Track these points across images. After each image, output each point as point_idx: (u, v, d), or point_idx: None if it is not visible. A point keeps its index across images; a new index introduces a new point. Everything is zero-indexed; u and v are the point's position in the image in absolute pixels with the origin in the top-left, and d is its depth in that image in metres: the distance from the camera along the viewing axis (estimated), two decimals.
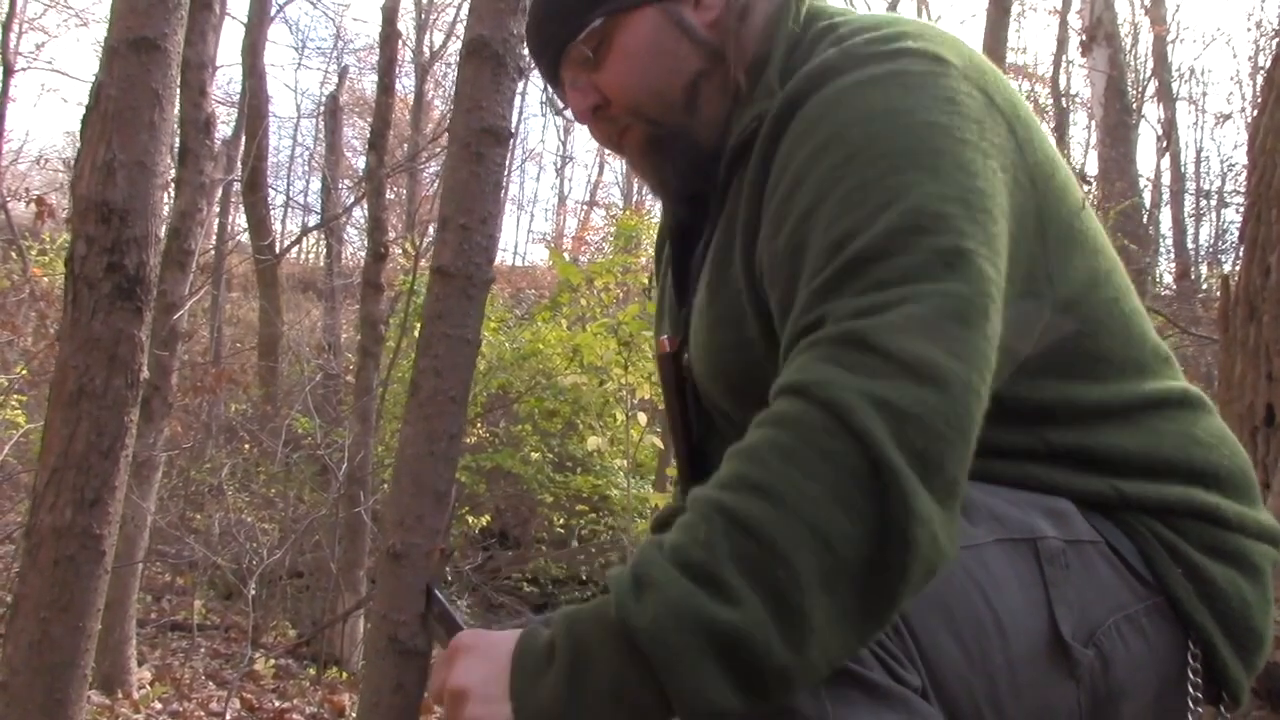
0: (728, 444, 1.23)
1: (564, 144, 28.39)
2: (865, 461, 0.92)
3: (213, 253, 10.08)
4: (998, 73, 1.16)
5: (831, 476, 0.92)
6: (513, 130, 1.27)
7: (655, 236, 1.56)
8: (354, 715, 3.99)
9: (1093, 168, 14.16)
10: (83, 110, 1.50)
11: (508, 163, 1.34)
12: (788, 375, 1.00)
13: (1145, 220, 14.16)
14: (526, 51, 1.31)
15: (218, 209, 10.40)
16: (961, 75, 1.10)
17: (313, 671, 5.49)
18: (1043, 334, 1.12)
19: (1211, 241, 17.10)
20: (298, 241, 14.71)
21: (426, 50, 18.20)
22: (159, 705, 4.21)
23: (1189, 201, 17.47)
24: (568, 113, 1.31)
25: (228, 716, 3.86)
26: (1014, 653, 1.04)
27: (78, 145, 1.52)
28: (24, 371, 6.63)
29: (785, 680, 0.91)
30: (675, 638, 0.90)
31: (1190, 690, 1.12)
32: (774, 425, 0.97)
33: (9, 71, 9.29)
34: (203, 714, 4.15)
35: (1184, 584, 1.12)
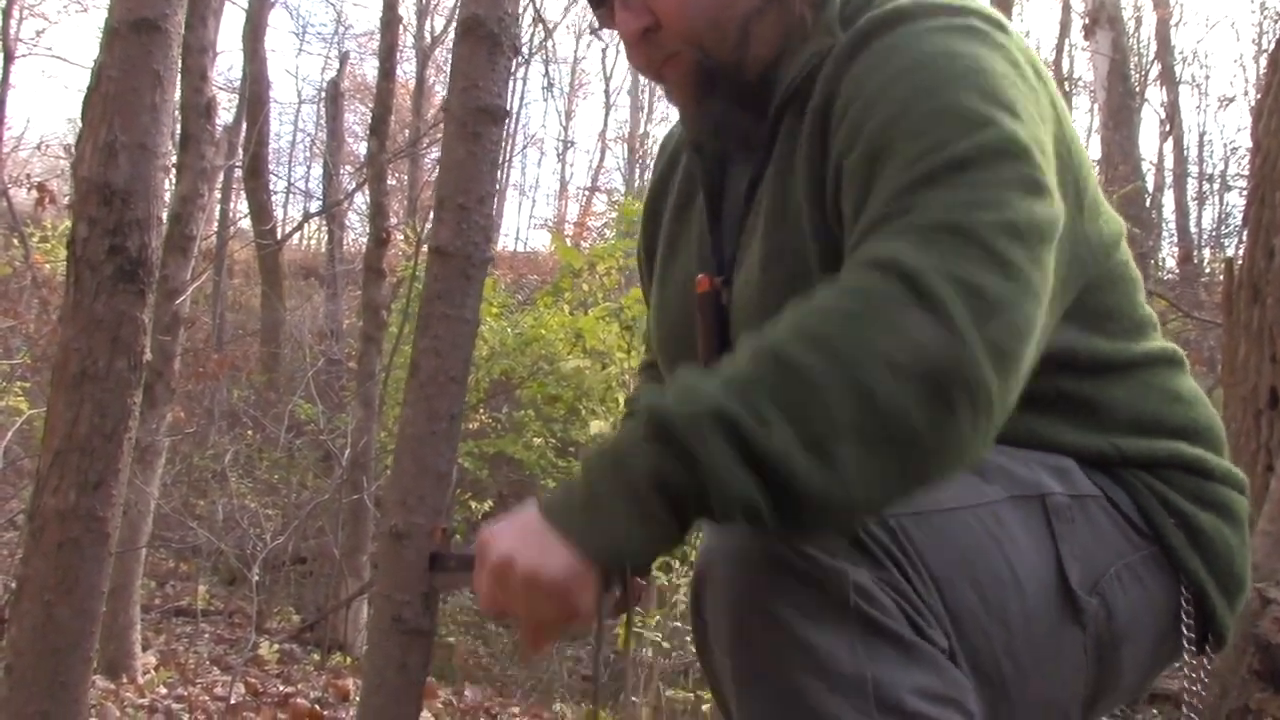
0: None
1: (565, 129, 28.36)
2: (939, 333, 0.93)
3: (214, 239, 10.07)
4: (1037, 56, 1.21)
5: (895, 344, 0.93)
6: (509, 109, 1.26)
7: (650, 187, 1.54)
8: (358, 699, 4.01)
9: (1095, 151, 14.12)
10: (83, 94, 1.50)
11: (507, 144, 1.34)
12: (869, 250, 1.01)
13: (1148, 204, 14.13)
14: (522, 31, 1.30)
15: (219, 195, 10.40)
16: (1017, 47, 1.15)
17: (317, 656, 5.51)
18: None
19: (1214, 225, 17.07)
20: (299, 227, 14.69)
21: (428, 35, 18.14)
22: (163, 690, 4.23)
23: (1192, 185, 17.43)
24: (605, 33, 1.30)
25: (232, 701, 3.87)
26: (1028, 604, 1.08)
27: (79, 130, 1.52)
28: (26, 358, 6.64)
29: (814, 508, 0.93)
30: (710, 435, 0.92)
31: (1184, 632, 1.19)
32: (846, 291, 0.98)
33: (9, 58, 9.27)
34: (207, 699, 4.16)
35: (1176, 533, 1.18)
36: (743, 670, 1.01)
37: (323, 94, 18.99)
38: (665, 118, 22.33)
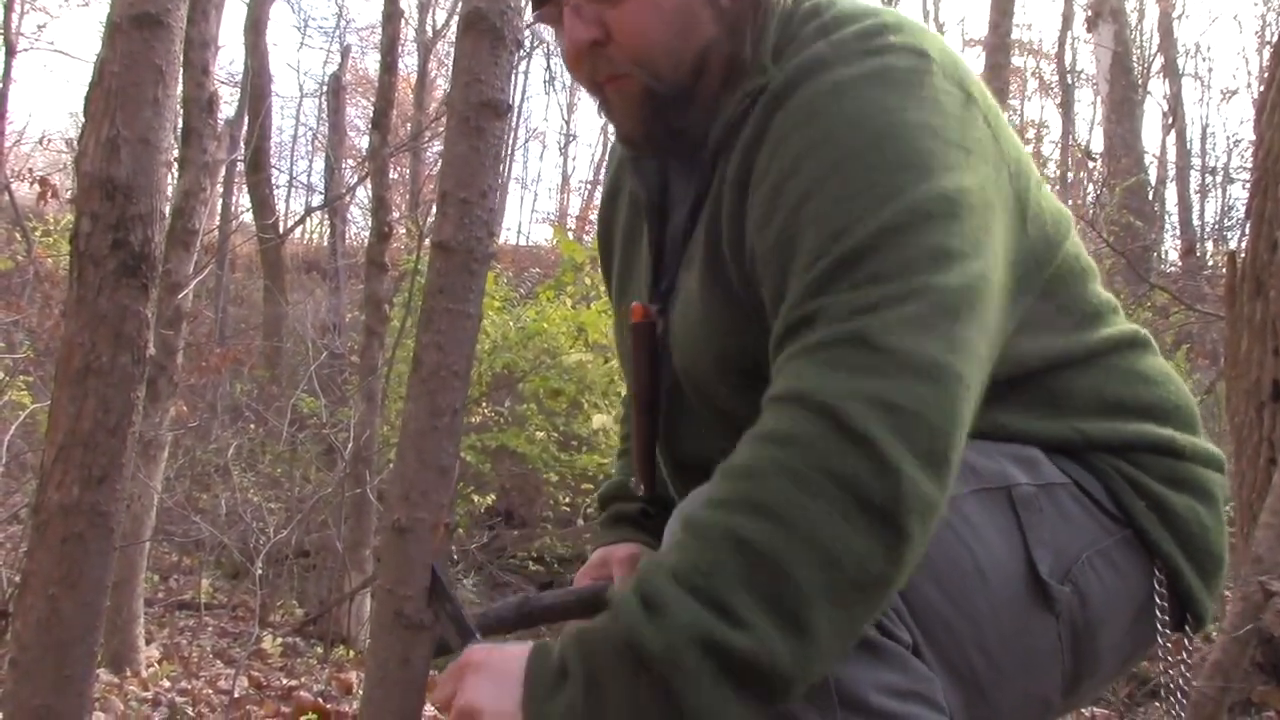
0: (697, 422, 1.27)
1: (567, 123, 28.34)
2: (873, 466, 0.94)
3: (216, 233, 10.07)
4: (965, 63, 1.19)
5: (837, 493, 0.94)
6: (511, 104, 1.26)
7: (601, 201, 1.54)
8: (361, 692, 4.01)
9: (1098, 144, 14.11)
10: (85, 89, 1.50)
11: (509, 138, 1.34)
12: (784, 382, 1.02)
13: (1151, 197, 14.11)
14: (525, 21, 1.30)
15: (221, 189, 10.40)
16: (941, 72, 1.13)
17: (320, 650, 5.52)
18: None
19: (1217, 218, 17.06)
20: (301, 221, 14.67)
21: (429, 29, 18.14)
22: (167, 683, 4.24)
23: (1194, 178, 17.42)
24: (547, 32, 1.28)
25: (235, 694, 3.88)
26: (996, 596, 1.09)
27: (81, 125, 1.52)
28: (29, 352, 6.64)
29: (790, 687, 0.95)
30: (690, 661, 0.92)
31: (1158, 614, 1.19)
32: (774, 441, 0.99)
33: (11, 52, 9.26)
34: (210, 692, 4.17)
35: (1148, 515, 1.19)
36: None
37: (324, 88, 18.98)
38: None
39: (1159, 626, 1.21)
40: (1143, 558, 1.20)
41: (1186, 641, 1.27)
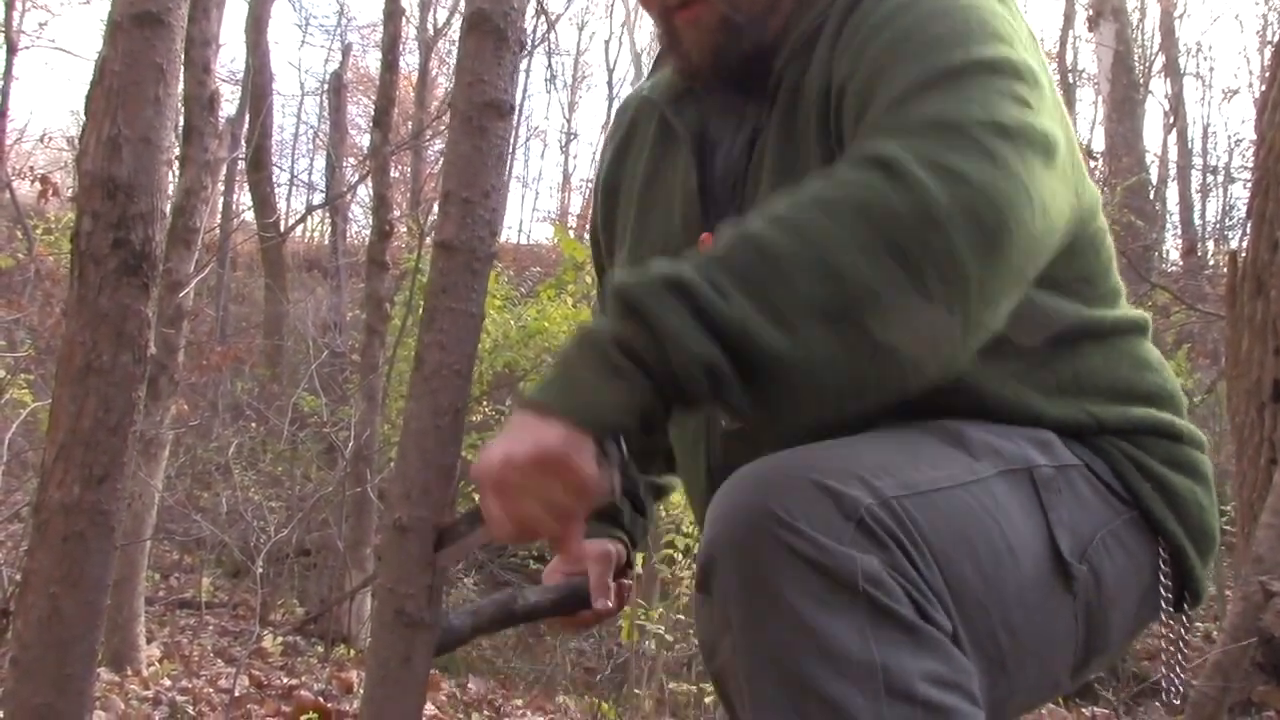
0: None
1: (569, 121, 28.36)
2: (915, 211, 0.94)
3: (217, 231, 10.07)
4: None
5: (865, 227, 0.94)
6: (515, 104, 1.26)
7: (607, 158, 1.53)
8: (362, 691, 4.01)
9: (1099, 143, 14.10)
10: (87, 88, 1.50)
11: (511, 138, 1.33)
12: (854, 150, 1.03)
13: (1152, 196, 14.11)
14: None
15: (222, 187, 10.40)
16: (1013, 10, 1.18)
17: (320, 649, 5.52)
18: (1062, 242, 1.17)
19: (1218, 218, 17.06)
20: (302, 220, 14.71)
21: (431, 27, 18.13)
22: (168, 682, 4.24)
23: (1196, 177, 17.41)
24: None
25: (236, 693, 3.88)
26: (1024, 576, 1.10)
27: (82, 123, 1.52)
28: (30, 350, 6.64)
29: (779, 378, 0.95)
30: (664, 295, 0.94)
31: (1162, 592, 1.22)
32: (826, 182, 1.00)
33: (12, 50, 9.28)
34: (211, 691, 4.17)
35: (1154, 496, 1.22)
36: (753, 658, 1.01)
37: (325, 86, 18.97)
38: None
39: (1163, 605, 1.23)
40: (1148, 537, 1.23)
41: (1185, 619, 1.30)
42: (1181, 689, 1.30)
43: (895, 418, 1.13)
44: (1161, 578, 1.23)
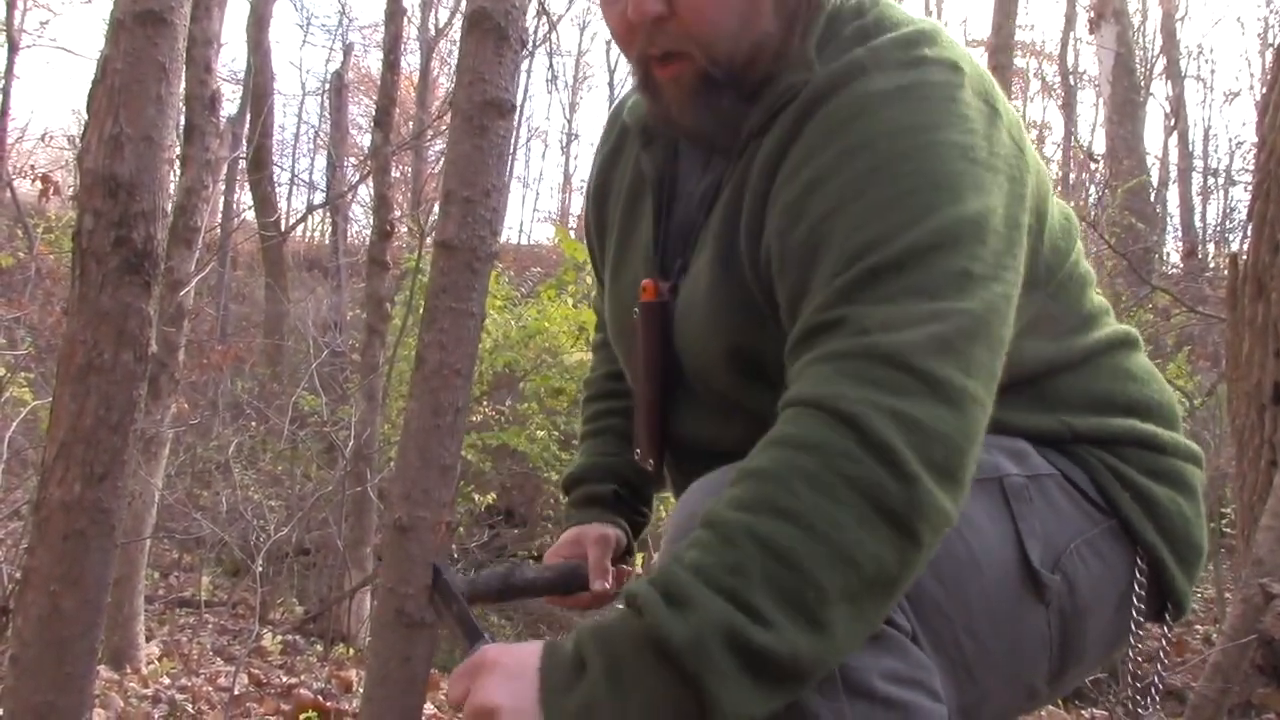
0: (696, 404, 1.30)
1: (569, 122, 28.33)
2: (893, 474, 0.97)
3: (218, 230, 10.08)
4: (989, 76, 1.21)
5: (857, 499, 0.96)
6: (516, 103, 1.26)
7: (597, 164, 1.53)
8: (361, 690, 4.01)
9: (1100, 146, 14.10)
10: (89, 86, 1.50)
11: (512, 137, 1.33)
12: (805, 386, 1.04)
13: (1153, 199, 14.11)
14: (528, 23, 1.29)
15: (223, 187, 10.40)
16: (971, 87, 1.15)
17: (320, 648, 5.52)
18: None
19: (1219, 220, 17.07)
20: (303, 219, 14.71)
21: (432, 27, 18.13)
22: (167, 680, 4.24)
23: (1196, 180, 17.43)
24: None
25: (235, 691, 3.88)
26: (989, 584, 1.12)
27: (84, 121, 1.52)
28: (30, 349, 6.64)
29: (806, 680, 0.97)
30: (717, 655, 0.94)
31: (1135, 603, 1.23)
32: (795, 447, 1.01)
33: (14, 49, 9.27)
34: (210, 689, 4.17)
35: (1133, 506, 1.23)
36: None
37: (326, 86, 18.98)
38: None
39: (1135, 614, 1.24)
40: (1127, 547, 1.24)
41: (1166, 630, 1.31)
42: (1158, 698, 1.31)
43: None
44: (1137, 587, 1.24)
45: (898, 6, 1.25)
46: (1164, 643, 1.31)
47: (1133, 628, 1.25)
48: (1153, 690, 1.30)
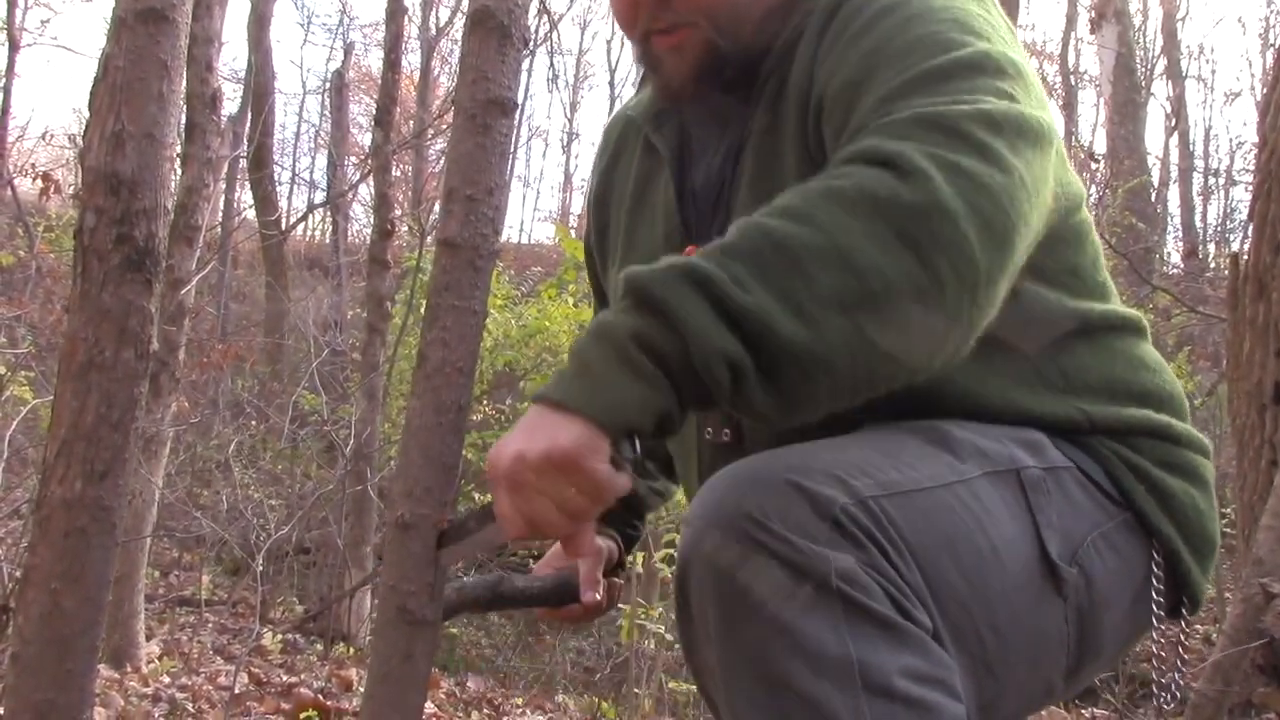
0: None
1: (570, 121, 28.32)
2: (922, 201, 0.96)
3: (219, 229, 10.08)
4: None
5: (877, 216, 0.96)
6: (518, 101, 1.26)
7: (597, 173, 1.54)
8: (362, 689, 4.01)
9: (1101, 146, 14.10)
10: (90, 84, 1.50)
11: (514, 135, 1.33)
12: (847, 150, 1.04)
13: (1153, 199, 14.11)
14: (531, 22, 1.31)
15: (224, 185, 10.40)
16: (996, 12, 1.21)
17: (320, 647, 5.52)
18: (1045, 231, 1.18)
19: (1220, 221, 17.07)
20: (304, 218, 14.72)
21: (433, 26, 18.12)
22: (167, 679, 4.24)
23: (1197, 180, 17.43)
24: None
25: (236, 690, 3.88)
26: (1009, 578, 1.09)
27: (85, 120, 1.52)
28: (31, 347, 6.64)
29: (798, 365, 0.96)
30: (683, 288, 0.95)
31: (1154, 596, 1.22)
32: (831, 174, 1.01)
33: (15, 47, 9.27)
34: (211, 688, 4.17)
35: (1148, 499, 1.21)
36: (729, 658, 1.01)
37: (327, 84, 18.97)
38: None
39: (1155, 608, 1.23)
40: (1142, 540, 1.22)
41: (1184, 624, 1.30)
42: (1178, 694, 1.29)
43: (882, 418, 1.14)
44: (1155, 581, 1.23)
45: None
46: (1181, 635, 1.30)
47: (1154, 622, 1.23)
48: (1173, 688, 1.28)
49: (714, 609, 1.01)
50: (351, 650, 5.55)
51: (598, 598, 1.43)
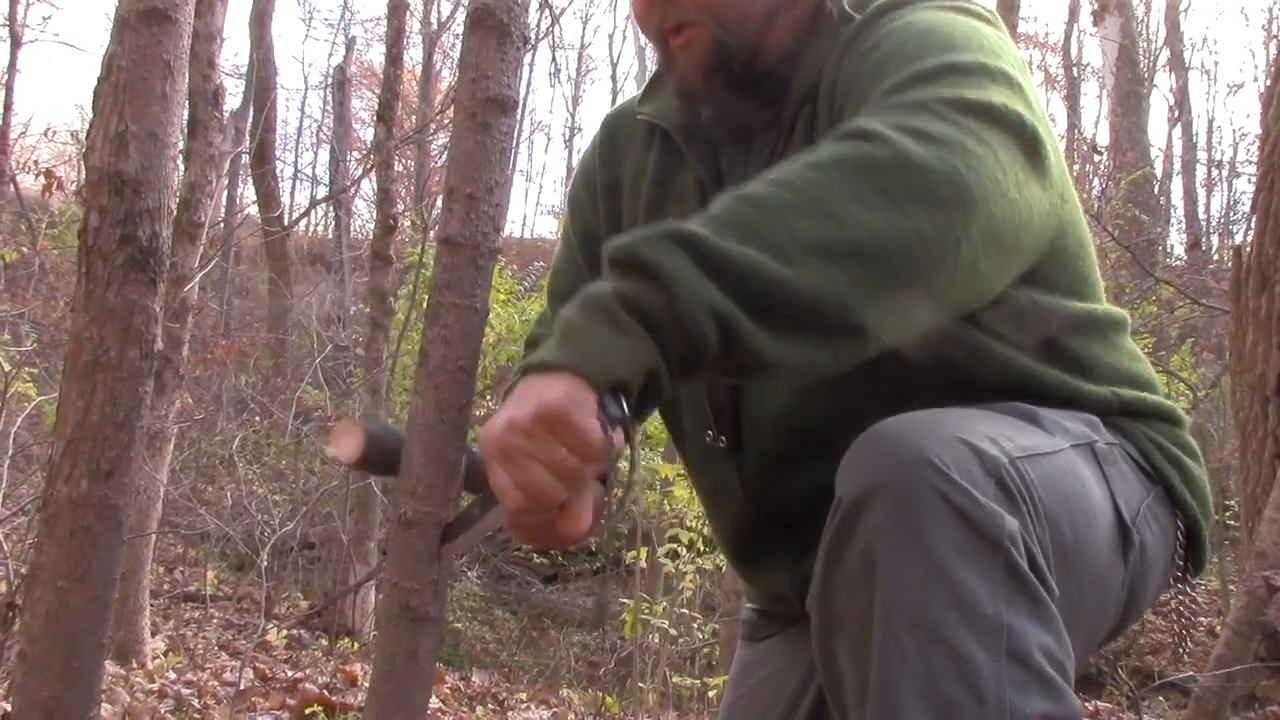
0: (769, 387, 1.32)
1: (572, 115, 28.28)
2: (894, 156, 1.00)
3: (222, 225, 10.09)
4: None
5: (850, 172, 1.00)
6: (518, 100, 1.26)
7: (599, 160, 1.55)
8: (366, 685, 4.02)
9: (1104, 137, 14.08)
10: (94, 84, 1.50)
11: (515, 133, 1.34)
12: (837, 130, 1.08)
13: (1156, 191, 14.09)
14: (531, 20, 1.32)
15: (226, 182, 10.40)
16: (1004, 35, 1.25)
17: (324, 642, 5.54)
18: (1051, 242, 1.22)
19: (1223, 212, 17.05)
20: (306, 214, 14.71)
21: (434, 21, 18.09)
22: (173, 675, 4.25)
23: (1200, 172, 17.40)
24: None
25: (241, 686, 3.89)
26: (1101, 540, 1.15)
27: (87, 118, 1.52)
28: (34, 344, 6.65)
29: (789, 308, 0.97)
30: (664, 246, 0.97)
31: (1178, 563, 1.32)
32: (812, 150, 1.05)
33: (16, 44, 9.27)
34: (216, 684, 4.18)
35: (1173, 473, 1.30)
36: (887, 599, 1.00)
37: (329, 80, 18.97)
38: None
39: (1178, 573, 1.31)
40: (1170, 513, 1.29)
41: (1190, 587, 1.38)
42: (1192, 646, 1.39)
43: (960, 403, 1.16)
44: (1180, 549, 1.30)
45: None
46: (1190, 600, 1.39)
47: (1173, 588, 1.32)
48: (1189, 634, 1.39)
49: (884, 548, 1.00)
50: (356, 645, 5.57)
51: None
